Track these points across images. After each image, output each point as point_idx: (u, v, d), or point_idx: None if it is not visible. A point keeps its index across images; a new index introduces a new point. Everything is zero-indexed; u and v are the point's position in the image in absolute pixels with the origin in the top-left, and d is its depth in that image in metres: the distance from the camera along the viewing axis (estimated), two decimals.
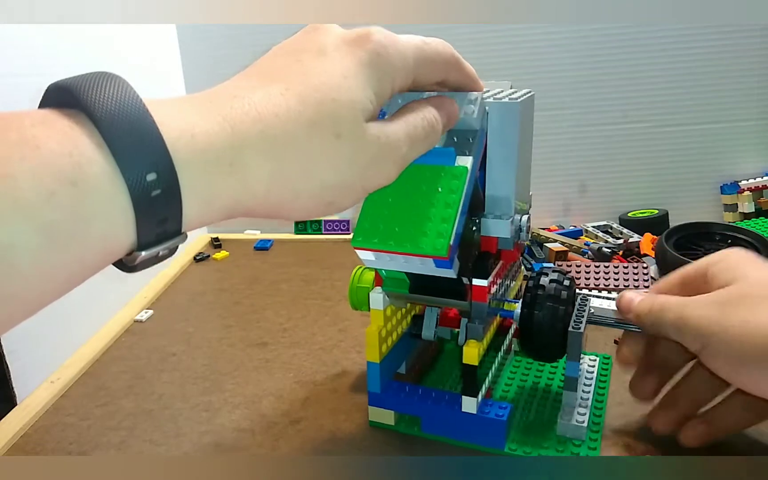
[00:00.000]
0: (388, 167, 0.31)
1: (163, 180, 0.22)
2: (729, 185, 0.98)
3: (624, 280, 0.72)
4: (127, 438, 0.48)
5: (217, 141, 0.24)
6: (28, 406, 0.52)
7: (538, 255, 0.83)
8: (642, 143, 0.99)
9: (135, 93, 0.23)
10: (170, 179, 0.22)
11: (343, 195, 0.29)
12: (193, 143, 0.23)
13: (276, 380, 0.56)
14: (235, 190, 0.25)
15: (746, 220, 0.95)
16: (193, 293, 0.78)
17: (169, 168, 0.22)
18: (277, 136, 0.26)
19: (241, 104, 0.26)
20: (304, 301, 0.73)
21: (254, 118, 0.25)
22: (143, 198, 0.22)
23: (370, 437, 0.47)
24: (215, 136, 0.24)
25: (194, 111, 0.24)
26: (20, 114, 0.21)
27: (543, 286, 0.45)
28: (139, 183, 0.21)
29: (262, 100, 0.26)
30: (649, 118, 0.98)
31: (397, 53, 0.30)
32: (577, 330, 0.43)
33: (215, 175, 0.24)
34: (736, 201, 0.97)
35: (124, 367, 0.59)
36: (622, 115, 0.98)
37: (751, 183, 0.96)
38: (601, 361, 0.55)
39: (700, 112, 0.97)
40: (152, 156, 0.22)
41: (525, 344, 0.47)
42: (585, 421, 0.45)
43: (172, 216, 0.23)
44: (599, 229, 0.90)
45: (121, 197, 0.21)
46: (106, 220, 0.21)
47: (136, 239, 0.22)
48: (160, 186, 0.22)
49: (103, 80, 0.22)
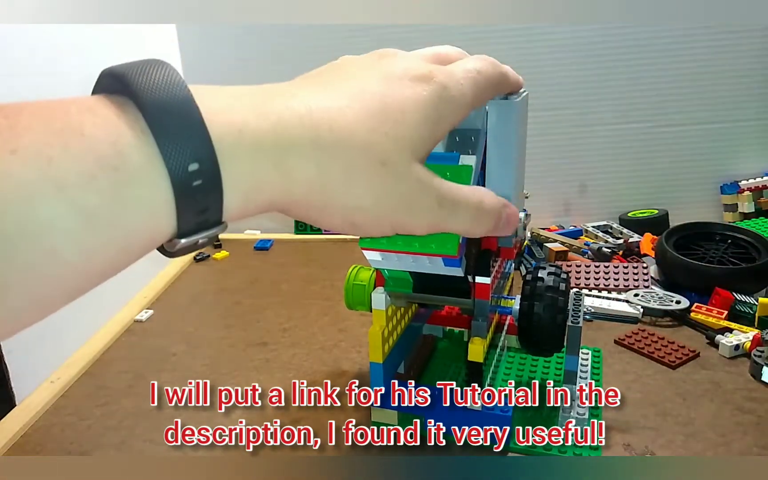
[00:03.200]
0: (422, 213, 0.30)
1: (205, 171, 0.22)
2: (729, 185, 0.98)
3: (624, 280, 0.72)
4: (127, 438, 0.48)
5: (266, 140, 0.24)
6: (28, 406, 0.52)
7: (538, 255, 0.83)
8: (642, 143, 0.99)
9: (182, 81, 0.23)
10: (212, 171, 0.22)
11: (371, 222, 0.29)
12: (240, 138, 0.24)
13: (276, 380, 0.56)
14: (276, 189, 0.26)
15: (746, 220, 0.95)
16: (193, 293, 0.78)
17: (212, 160, 0.22)
18: (327, 147, 0.26)
19: (299, 107, 0.26)
20: (304, 301, 0.73)
21: (308, 125, 0.26)
22: (184, 187, 0.22)
23: (370, 437, 0.47)
24: (264, 134, 0.24)
25: (248, 106, 0.25)
26: (68, 101, 0.21)
27: (542, 279, 0.46)
28: (180, 172, 0.21)
29: (319, 109, 0.26)
30: (649, 118, 0.97)
31: (458, 93, 0.31)
32: (576, 324, 0.44)
33: (259, 173, 0.25)
34: (736, 201, 0.97)
35: (124, 367, 0.59)
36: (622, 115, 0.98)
37: (751, 183, 0.96)
38: (592, 354, 0.55)
39: (700, 112, 0.97)
40: (195, 146, 0.22)
41: (524, 338, 0.47)
42: (586, 413, 0.45)
43: (213, 206, 0.23)
44: (599, 229, 0.90)
45: (163, 185, 0.22)
46: (146, 207, 0.22)
47: (177, 227, 0.23)
48: (201, 177, 0.22)
49: (150, 67, 0.23)
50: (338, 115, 0.27)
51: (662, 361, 0.56)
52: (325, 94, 0.28)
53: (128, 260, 0.23)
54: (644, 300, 0.66)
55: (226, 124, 0.23)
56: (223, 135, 0.23)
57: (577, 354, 0.44)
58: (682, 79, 0.95)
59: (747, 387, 0.52)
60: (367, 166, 0.27)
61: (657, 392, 0.51)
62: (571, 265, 0.75)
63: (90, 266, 0.21)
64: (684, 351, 0.57)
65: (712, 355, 0.57)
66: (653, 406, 0.49)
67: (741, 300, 0.64)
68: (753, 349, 0.54)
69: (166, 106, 0.22)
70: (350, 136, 0.27)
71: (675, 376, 0.54)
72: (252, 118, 0.24)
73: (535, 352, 0.48)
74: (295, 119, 0.25)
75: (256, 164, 0.24)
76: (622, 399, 0.50)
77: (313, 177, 0.26)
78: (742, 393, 0.51)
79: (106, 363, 0.60)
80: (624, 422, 0.47)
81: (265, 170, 0.25)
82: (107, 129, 0.21)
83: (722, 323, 0.61)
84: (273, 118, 0.25)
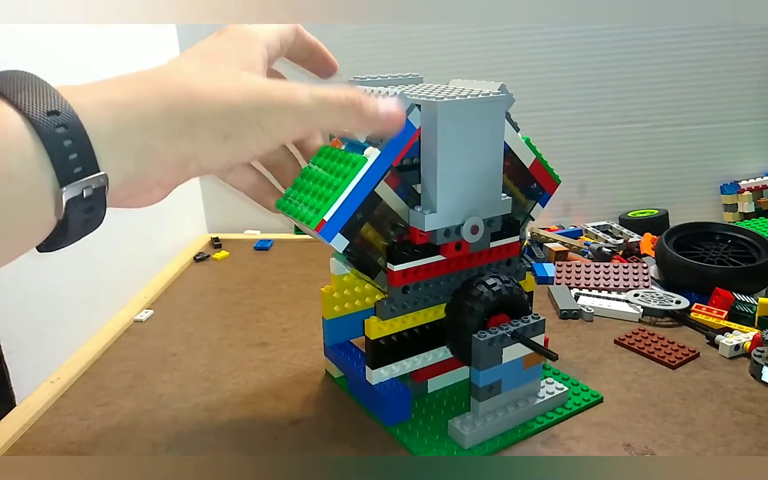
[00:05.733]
0: (287, 118, 0.33)
1: (64, 116, 0.26)
2: (729, 185, 0.98)
3: (624, 280, 0.72)
4: (127, 438, 0.48)
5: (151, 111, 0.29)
6: (28, 406, 0.52)
7: (538, 255, 0.83)
8: (642, 143, 0.99)
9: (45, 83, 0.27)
10: (71, 117, 0.26)
11: (240, 133, 0.32)
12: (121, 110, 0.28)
13: (276, 380, 0.56)
14: (153, 158, 0.29)
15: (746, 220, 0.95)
16: (193, 293, 0.78)
17: (67, 107, 0.26)
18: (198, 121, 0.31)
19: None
20: (304, 301, 0.73)
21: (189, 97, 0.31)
22: (50, 136, 0.25)
23: (370, 437, 0.47)
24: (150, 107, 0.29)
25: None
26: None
27: (470, 284, 0.46)
28: (41, 120, 0.25)
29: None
30: (649, 118, 0.97)
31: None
32: (480, 338, 0.43)
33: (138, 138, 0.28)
34: (736, 201, 0.97)
35: (124, 367, 0.59)
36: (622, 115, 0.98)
37: (751, 183, 0.96)
38: (573, 391, 0.51)
39: (700, 112, 0.97)
40: (52, 99, 0.26)
41: (446, 339, 0.48)
42: (470, 433, 0.44)
43: (85, 154, 0.26)
44: (599, 229, 0.90)
45: (35, 140, 0.25)
46: (18, 156, 0.25)
47: (56, 174, 0.25)
48: (70, 137, 0.25)
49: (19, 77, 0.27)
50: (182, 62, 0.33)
51: (662, 361, 0.56)
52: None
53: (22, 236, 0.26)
54: (644, 300, 0.66)
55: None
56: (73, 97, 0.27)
57: (480, 368, 0.43)
58: (682, 79, 0.95)
59: (747, 387, 0.52)
60: (227, 131, 0.32)
61: (657, 392, 0.51)
62: (571, 265, 0.75)
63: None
64: (684, 351, 0.57)
65: (712, 355, 0.57)
66: (653, 406, 0.49)
67: (741, 300, 0.64)
68: (753, 349, 0.54)
69: (22, 81, 0.26)
70: (211, 108, 0.31)
71: (675, 376, 0.54)
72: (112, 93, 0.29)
73: (459, 357, 0.48)
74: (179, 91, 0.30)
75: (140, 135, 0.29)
76: (622, 399, 0.50)
77: (183, 149, 0.31)
78: (742, 393, 0.51)
79: (106, 363, 0.60)
80: (624, 422, 0.47)
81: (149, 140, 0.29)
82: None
83: (722, 323, 0.61)
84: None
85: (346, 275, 0.52)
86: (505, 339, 0.44)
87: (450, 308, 0.47)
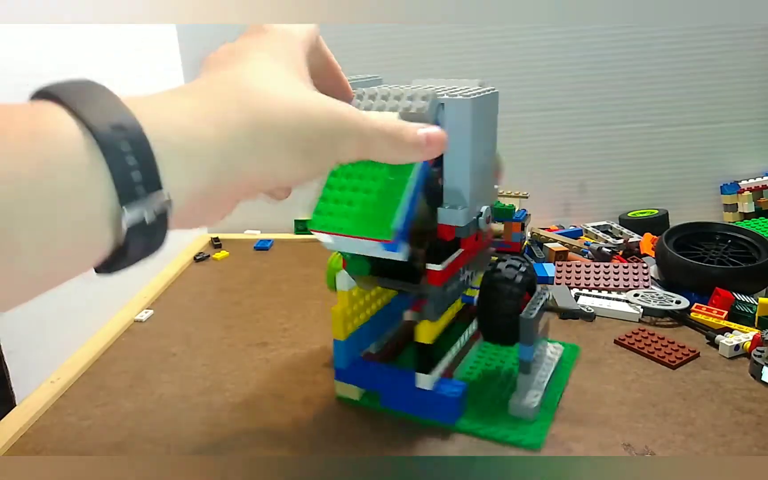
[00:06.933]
0: (354, 143, 0.32)
1: (137, 154, 0.23)
2: (729, 185, 0.98)
3: (624, 280, 0.72)
4: (127, 438, 0.48)
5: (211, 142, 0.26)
6: (28, 406, 0.52)
7: (538, 255, 0.83)
8: (642, 143, 0.99)
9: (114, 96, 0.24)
10: (144, 149, 0.23)
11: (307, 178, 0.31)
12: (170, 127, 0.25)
13: (276, 380, 0.56)
14: (222, 178, 0.27)
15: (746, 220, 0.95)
16: (193, 293, 0.78)
17: (137, 129, 0.23)
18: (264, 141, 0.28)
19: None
20: (304, 301, 0.73)
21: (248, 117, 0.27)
22: (111, 144, 0.23)
23: (370, 437, 0.47)
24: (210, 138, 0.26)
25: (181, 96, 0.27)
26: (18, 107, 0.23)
27: (500, 270, 0.49)
28: (105, 132, 0.23)
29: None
30: (649, 118, 0.97)
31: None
32: (528, 316, 0.46)
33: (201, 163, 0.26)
34: (736, 201, 0.97)
35: (124, 367, 0.59)
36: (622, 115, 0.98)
37: (751, 183, 0.96)
38: (567, 350, 0.57)
39: (700, 112, 0.97)
40: (117, 111, 0.23)
41: (482, 326, 0.50)
42: (535, 403, 0.47)
43: (148, 171, 0.24)
44: (599, 229, 0.90)
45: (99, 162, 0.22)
46: (80, 176, 0.22)
47: (118, 197, 0.23)
48: (133, 155, 0.23)
49: (86, 86, 0.24)
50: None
51: (662, 361, 0.56)
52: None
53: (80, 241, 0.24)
54: (644, 300, 0.66)
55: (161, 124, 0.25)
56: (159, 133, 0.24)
57: (529, 344, 0.46)
58: (682, 79, 0.95)
59: (747, 387, 0.52)
60: (299, 152, 0.29)
61: (657, 392, 0.51)
62: (571, 265, 0.75)
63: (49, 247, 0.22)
64: (684, 351, 0.57)
65: (712, 355, 0.57)
66: (653, 406, 0.49)
67: (741, 300, 0.64)
68: (753, 349, 0.54)
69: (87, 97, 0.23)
70: (286, 123, 0.29)
71: (675, 376, 0.54)
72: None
73: (494, 340, 0.50)
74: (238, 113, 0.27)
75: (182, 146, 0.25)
76: (622, 399, 0.50)
77: (252, 171, 0.28)
78: (742, 393, 0.51)
79: (106, 363, 0.60)
80: (624, 422, 0.47)
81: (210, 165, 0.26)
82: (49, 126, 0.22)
83: (722, 323, 0.61)
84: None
85: (354, 289, 0.49)
86: (542, 313, 0.48)
87: (485, 295, 0.49)
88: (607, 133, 0.99)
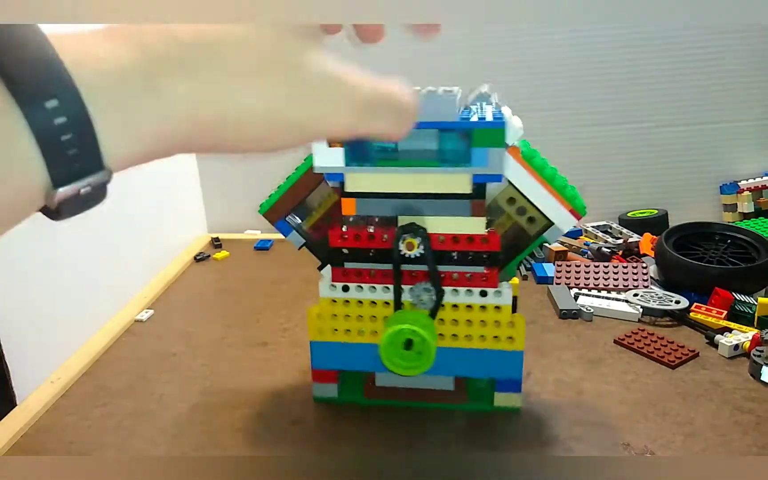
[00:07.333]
0: (342, 110, 0.26)
1: (66, 106, 0.20)
2: (728, 185, 0.98)
3: (623, 280, 0.72)
4: (127, 438, 0.48)
5: (128, 61, 0.22)
6: (28, 406, 0.52)
7: (538, 255, 0.83)
8: (642, 143, 0.99)
9: (34, 26, 0.21)
10: (74, 104, 0.20)
11: (282, 131, 0.25)
12: (99, 66, 0.21)
13: (276, 380, 0.56)
14: (155, 113, 0.22)
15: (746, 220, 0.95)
16: (193, 293, 0.78)
17: (72, 91, 0.20)
18: (195, 53, 0.23)
19: (156, 27, 0.23)
20: (304, 301, 0.73)
21: (168, 38, 0.23)
22: (45, 128, 0.19)
23: (370, 437, 0.47)
24: (125, 57, 0.22)
25: (101, 36, 0.22)
26: None
27: None
28: (38, 112, 0.19)
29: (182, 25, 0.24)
30: (649, 118, 0.98)
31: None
32: None
33: (129, 97, 0.22)
34: (735, 201, 0.97)
35: (124, 367, 0.59)
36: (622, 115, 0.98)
37: (750, 183, 0.96)
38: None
39: (700, 112, 0.97)
40: (51, 80, 0.20)
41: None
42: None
43: (85, 146, 0.20)
44: (599, 229, 0.90)
45: (23, 131, 0.19)
46: (9, 159, 0.19)
47: (49, 177, 0.20)
48: (64, 113, 0.20)
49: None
50: (204, 25, 0.24)
51: (662, 361, 0.56)
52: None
53: (7, 220, 0.21)
54: (644, 300, 0.66)
55: (83, 54, 0.21)
56: (82, 66, 0.21)
57: None
58: (682, 80, 0.95)
59: (746, 387, 0.52)
60: (250, 63, 0.24)
61: (657, 392, 0.51)
62: (571, 265, 0.75)
63: None
64: (684, 351, 0.57)
65: (711, 355, 0.57)
66: (653, 406, 0.49)
67: (740, 300, 0.64)
68: (752, 349, 0.55)
69: (12, 43, 0.20)
70: (223, 36, 0.24)
71: (675, 376, 0.54)
72: (108, 45, 0.22)
73: None
74: (155, 36, 0.23)
75: (122, 91, 0.21)
76: (621, 399, 0.50)
77: (191, 90, 0.23)
78: (742, 393, 0.51)
79: (106, 363, 0.60)
80: (624, 422, 0.47)
81: (135, 98, 0.22)
82: None
83: (722, 323, 0.61)
84: (132, 41, 0.22)
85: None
86: None
87: None
88: (607, 133, 0.99)
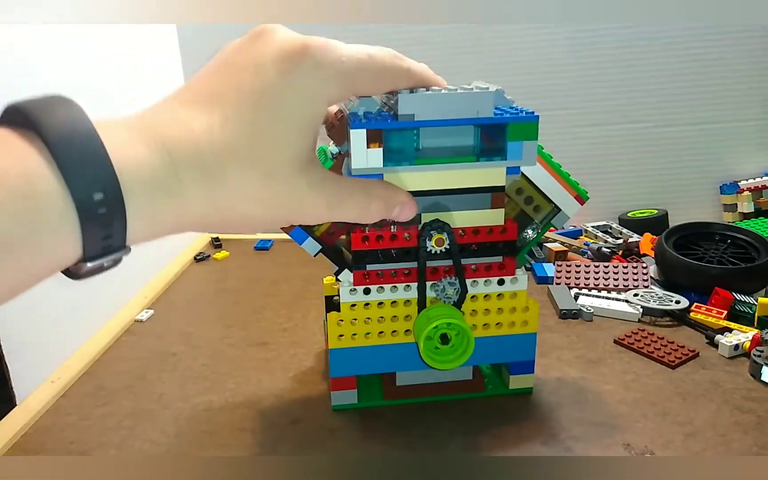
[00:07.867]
0: (313, 212, 0.32)
1: (109, 200, 0.24)
2: (728, 185, 0.98)
3: (623, 280, 0.72)
4: (127, 438, 0.48)
5: (159, 169, 0.26)
6: (28, 406, 0.52)
7: (538, 255, 0.83)
8: (642, 143, 0.99)
9: (86, 117, 0.24)
10: (116, 200, 0.24)
11: (266, 226, 0.31)
12: (138, 172, 0.25)
13: (276, 380, 0.56)
14: (176, 211, 0.27)
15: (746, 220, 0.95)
16: (193, 293, 0.78)
17: (116, 190, 0.24)
18: (211, 166, 0.27)
19: (182, 133, 0.27)
20: (304, 301, 0.73)
21: (192, 149, 0.27)
22: (90, 215, 0.23)
23: (370, 437, 0.47)
24: (157, 166, 0.26)
25: (140, 139, 0.26)
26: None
27: None
28: (86, 201, 0.23)
29: (201, 130, 0.28)
30: (649, 118, 0.98)
31: (334, 70, 0.31)
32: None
33: (157, 199, 0.26)
34: (735, 201, 0.97)
35: (124, 367, 0.59)
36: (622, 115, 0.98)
37: (750, 183, 0.96)
38: None
39: (700, 112, 0.97)
40: (100, 177, 0.24)
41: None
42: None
43: (117, 232, 0.25)
44: (599, 229, 0.90)
45: (70, 213, 0.23)
46: (54, 233, 0.23)
47: (83, 251, 0.24)
48: (106, 206, 0.24)
49: (55, 104, 0.24)
50: (219, 132, 0.28)
51: (662, 361, 0.56)
52: (205, 108, 0.28)
53: (34, 282, 0.25)
54: (644, 300, 0.66)
55: (125, 159, 0.25)
56: (123, 169, 0.24)
57: None
58: (682, 79, 0.96)
59: (746, 387, 0.52)
60: (253, 181, 0.29)
61: (657, 392, 0.51)
62: (571, 265, 0.75)
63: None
64: (684, 351, 0.57)
65: (711, 355, 0.57)
66: (653, 406, 0.49)
67: (740, 300, 0.64)
68: (752, 349, 0.55)
69: (71, 139, 0.23)
70: (232, 153, 0.28)
71: (675, 376, 0.54)
72: (145, 152, 0.26)
73: None
74: (179, 144, 0.27)
75: (153, 194, 0.26)
76: (621, 399, 0.50)
77: (204, 197, 0.28)
78: (742, 393, 0.51)
79: (106, 363, 0.60)
80: (624, 422, 0.47)
81: (162, 196, 0.26)
82: (17, 160, 0.23)
83: (722, 323, 0.61)
84: (162, 149, 0.26)
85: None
86: None
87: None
88: (607, 133, 0.99)
